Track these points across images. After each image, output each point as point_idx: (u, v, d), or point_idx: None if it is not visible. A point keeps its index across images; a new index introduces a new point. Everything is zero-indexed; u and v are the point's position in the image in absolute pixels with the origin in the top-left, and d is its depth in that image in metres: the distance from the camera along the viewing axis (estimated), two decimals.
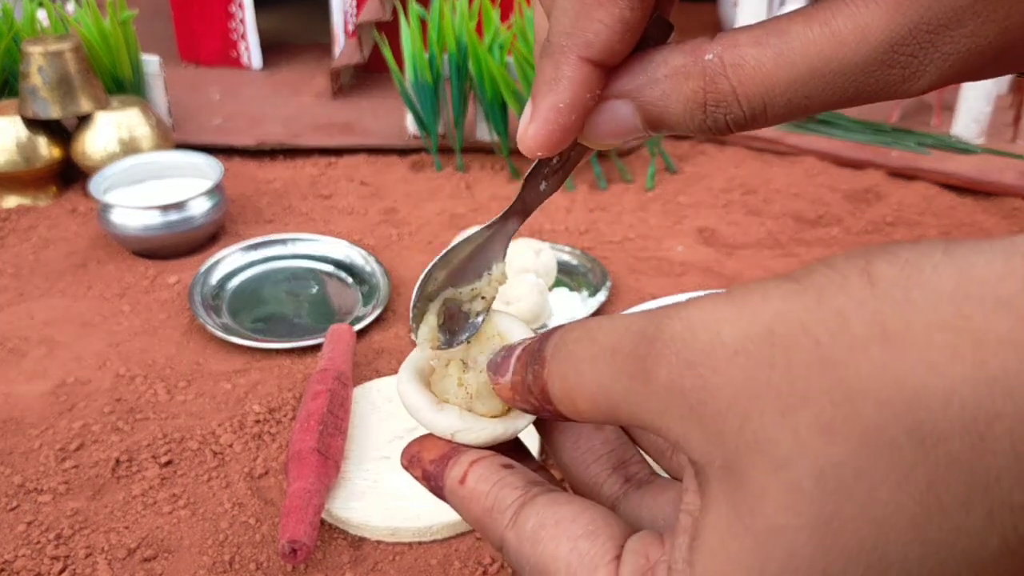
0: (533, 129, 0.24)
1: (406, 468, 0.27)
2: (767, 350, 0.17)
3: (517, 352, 0.25)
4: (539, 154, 0.25)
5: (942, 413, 0.15)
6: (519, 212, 0.28)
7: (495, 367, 0.26)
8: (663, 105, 0.23)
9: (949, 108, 1.22)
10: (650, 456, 0.29)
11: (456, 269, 0.28)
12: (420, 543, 0.59)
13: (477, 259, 0.28)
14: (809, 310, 0.17)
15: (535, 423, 0.28)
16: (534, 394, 0.23)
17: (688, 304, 0.19)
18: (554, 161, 0.27)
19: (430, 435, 0.27)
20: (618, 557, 0.21)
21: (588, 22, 0.23)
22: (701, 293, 0.75)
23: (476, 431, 0.26)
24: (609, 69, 0.24)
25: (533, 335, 0.26)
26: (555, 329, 0.23)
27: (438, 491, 0.26)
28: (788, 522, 0.17)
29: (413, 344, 0.81)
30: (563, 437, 0.28)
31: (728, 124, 0.23)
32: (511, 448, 0.28)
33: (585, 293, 0.87)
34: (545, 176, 0.27)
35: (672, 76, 0.23)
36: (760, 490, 0.17)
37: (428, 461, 0.26)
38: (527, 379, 0.23)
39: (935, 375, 0.15)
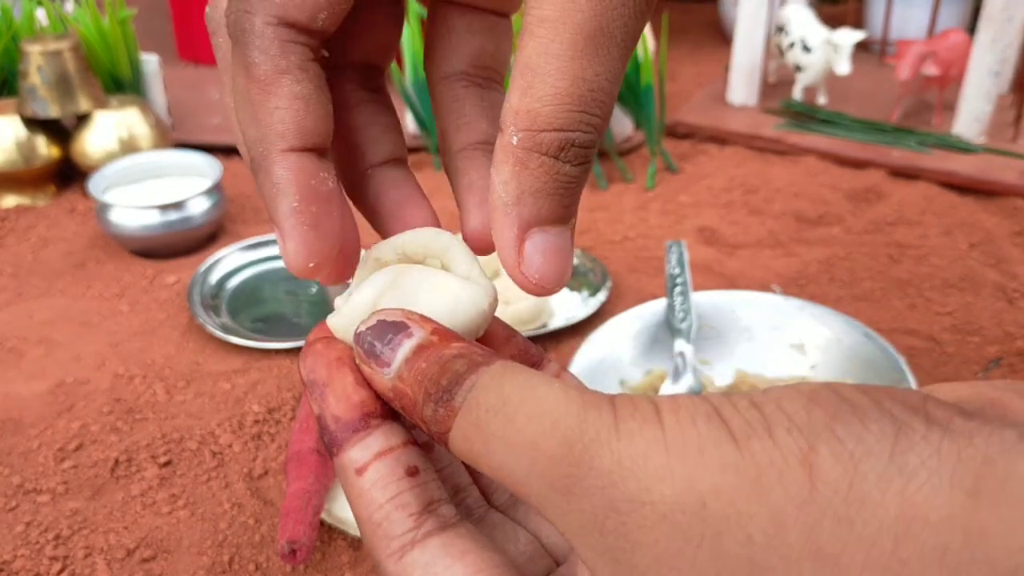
0: (290, 246, 0.23)
1: (305, 384, 0.24)
2: (697, 527, 0.17)
3: (408, 349, 0.22)
4: (311, 265, 0.23)
5: None
6: None
7: (369, 348, 0.22)
8: None
9: (950, 107, 1.22)
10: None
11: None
12: None
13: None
14: (746, 496, 0.16)
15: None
16: (430, 428, 0.21)
17: (620, 430, 0.18)
18: None
19: (343, 367, 0.23)
20: None
21: (268, 116, 0.22)
22: (704, 293, 0.74)
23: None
24: (321, 150, 0.23)
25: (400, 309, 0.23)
26: (468, 372, 0.21)
27: (329, 451, 0.23)
28: None
29: None
30: None
31: None
32: None
33: (585, 293, 0.87)
34: None
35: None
36: None
37: (331, 415, 0.23)
38: (425, 412, 0.21)
39: None
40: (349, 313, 0.24)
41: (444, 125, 0.27)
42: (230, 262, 0.93)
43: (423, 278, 0.24)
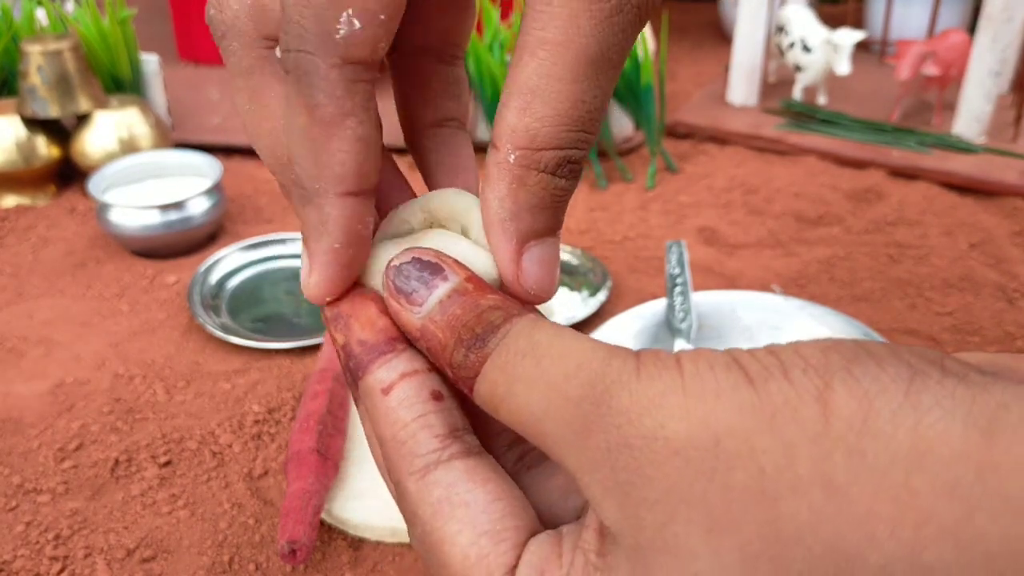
0: (315, 277, 0.23)
1: (326, 320, 0.24)
2: (709, 461, 0.17)
3: (443, 291, 0.22)
4: (327, 299, 0.24)
5: None
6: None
7: (402, 283, 0.22)
8: None
9: (950, 107, 1.22)
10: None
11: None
12: None
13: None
14: (760, 433, 0.17)
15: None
16: (458, 375, 0.22)
17: (641, 374, 0.18)
18: None
19: (365, 300, 0.24)
20: (515, 568, 0.21)
21: (329, 157, 0.22)
22: (704, 293, 0.74)
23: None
24: (371, 193, 0.23)
25: (462, 258, 0.23)
26: (504, 321, 0.21)
27: (353, 377, 0.23)
28: None
29: None
30: (470, 406, 0.27)
31: None
32: None
33: (585, 293, 0.87)
34: None
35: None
36: None
37: (356, 340, 0.23)
38: (455, 357, 0.21)
39: (871, 546, 0.15)
40: (367, 270, 0.25)
41: (410, 101, 0.27)
42: (230, 262, 0.92)
43: (437, 243, 0.25)
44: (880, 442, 0.15)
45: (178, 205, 0.94)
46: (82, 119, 1.09)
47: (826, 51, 1.23)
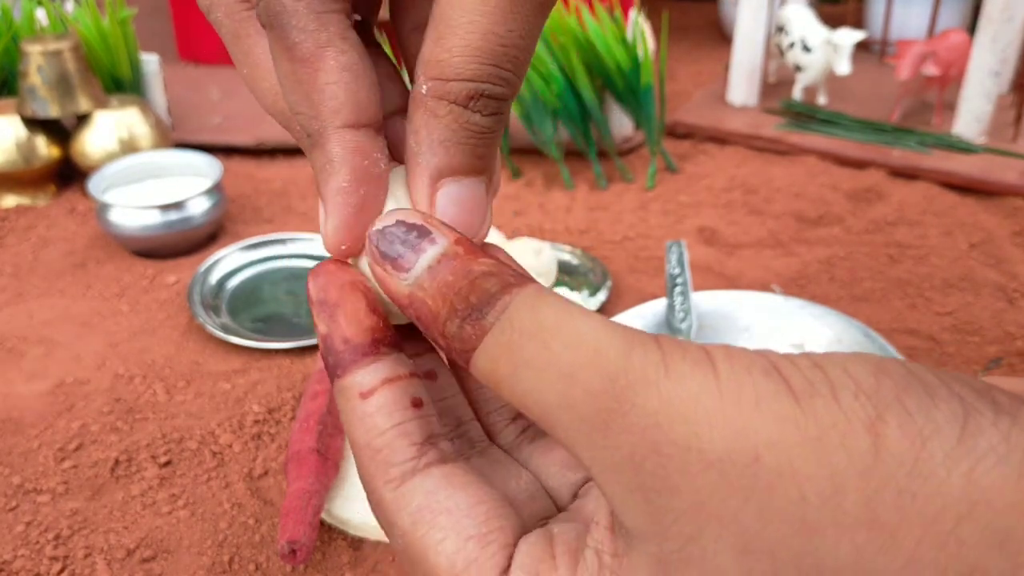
0: (330, 223, 0.22)
1: (311, 301, 0.23)
2: (748, 479, 0.16)
3: (432, 256, 0.21)
4: (343, 247, 0.23)
5: None
6: None
7: (387, 248, 0.21)
8: None
9: (950, 107, 1.22)
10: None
11: None
12: None
13: None
14: (804, 456, 0.16)
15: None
16: (452, 346, 0.20)
17: (670, 370, 0.17)
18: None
19: (356, 290, 0.22)
20: (507, 570, 0.20)
21: (319, 93, 0.21)
22: (704, 293, 0.74)
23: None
24: (377, 125, 0.22)
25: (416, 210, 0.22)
26: (501, 292, 0.19)
27: (331, 372, 0.22)
28: None
29: None
30: (471, 379, 0.25)
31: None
32: None
33: (586, 292, 0.87)
34: None
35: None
36: None
37: (340, 336, 0.22)
38: (449, 327, 0.20)
39: None
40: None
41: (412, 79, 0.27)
42: (230, 262, 0.93)
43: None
44: (931, 485, 0.15)
45: (178, 205, 0.94)
46: (82, 119, 1.09)
47: (826, 51, 1.23)
